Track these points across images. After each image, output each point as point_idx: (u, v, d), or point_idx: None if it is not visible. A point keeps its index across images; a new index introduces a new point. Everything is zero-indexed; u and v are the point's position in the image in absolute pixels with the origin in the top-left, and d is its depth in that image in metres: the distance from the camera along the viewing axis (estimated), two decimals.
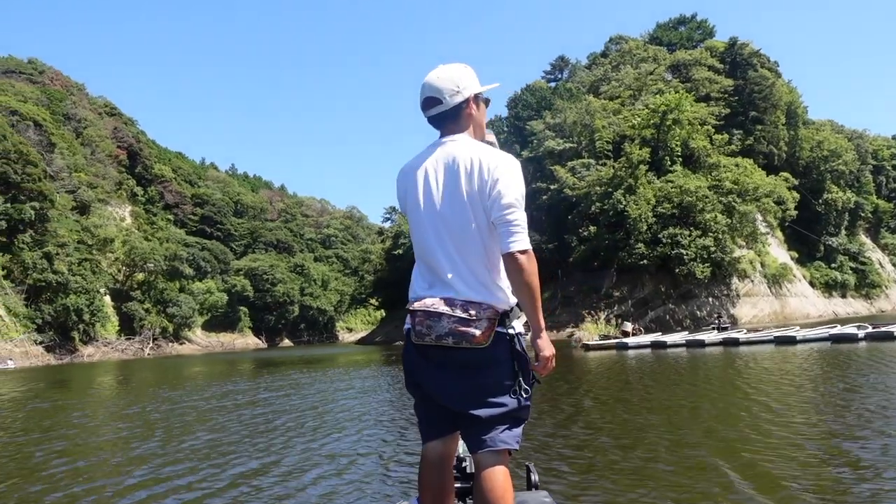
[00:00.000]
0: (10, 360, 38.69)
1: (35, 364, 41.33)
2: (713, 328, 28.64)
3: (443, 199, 1.95)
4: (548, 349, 1.94)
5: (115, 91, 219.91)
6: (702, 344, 19.91)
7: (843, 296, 58.40)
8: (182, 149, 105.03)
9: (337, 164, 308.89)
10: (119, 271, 66.24)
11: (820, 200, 56.98)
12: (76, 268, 52.19)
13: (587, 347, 22.34)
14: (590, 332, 23.97)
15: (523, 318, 2.00)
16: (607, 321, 29.48)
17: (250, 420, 8.87)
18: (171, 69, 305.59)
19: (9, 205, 48.70)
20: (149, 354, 57.38)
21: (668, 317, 38.43)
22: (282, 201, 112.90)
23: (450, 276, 1.93)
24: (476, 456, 1.95)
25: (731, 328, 27.63)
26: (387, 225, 69.11)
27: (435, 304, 1.90)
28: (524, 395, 1.93)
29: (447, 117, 2.03)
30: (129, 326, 61.27)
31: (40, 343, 46.32)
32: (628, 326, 24.80)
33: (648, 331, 30.22)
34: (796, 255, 53.70)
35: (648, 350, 20.00)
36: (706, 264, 35.99)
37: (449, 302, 1.89)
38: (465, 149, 1.96)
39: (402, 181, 2.10)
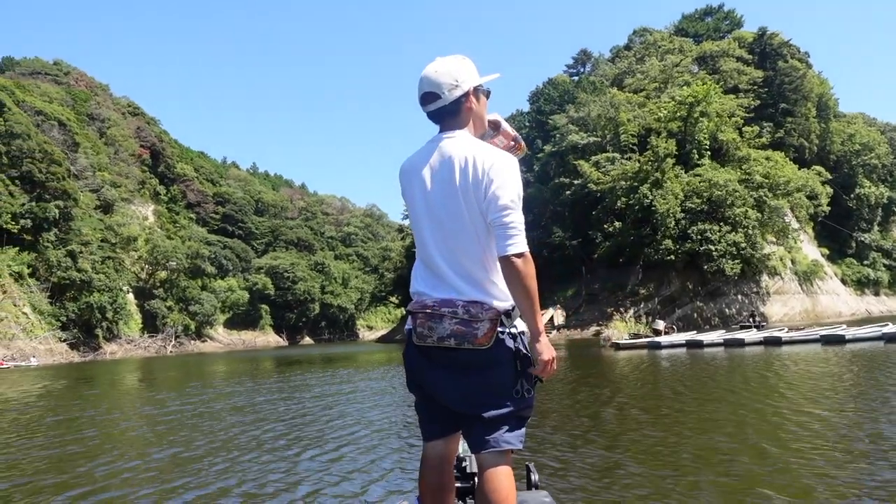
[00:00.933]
0: (34, 357, 39.05)
1: (58, 361, 41.64)
2: (742, 326, 27.60)
3: (439, 199, 1.92)
4: (547, 353, 1.90)
5: (138, 91, 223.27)
6: (741, 343, 18.73)
7: (877, 293, 56.73)
8: (204, 148, 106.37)
9: (357, 163, 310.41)
10: (142, 269, 66.92)
11: (851, 195, 55.33)
12: (99, 266, 52.70)
13: (617, 346, 21.27)
14: (619, 330, 22.82)
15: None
16: (637, 319, 28.41)
17: (238, 425, 8.33)
18: (192, 69, 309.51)
19: (34, 203, 49.24)
20: (171, 352, 57.70)
21: (695, 315, 37.37)
22: (302, 199, 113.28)
23: (450, 276, 1.92)
24: (479, 456, 1.93)
25: (766, 326, 26.48)
26: (406, 222, 68.78)
27: (436, 305, 1.89)
28: (527, 395, 1.92)
29: (447, 112, 1.99)
30: (152, 324, 61.83)
31: (64, 340, 46.76)
32: (660, 325, 23.67)
33: (677, 330, 29.21)
34: (827, 252, 52.17)
35: (683, 350, 18.89)
36: (736, 261, 34.75)
37: (450, 303, 1.87)
38: (462, 147, 1.92)
39: (402, 179, 2.08)
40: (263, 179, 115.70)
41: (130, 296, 62.33)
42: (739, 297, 40.13)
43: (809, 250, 48.62)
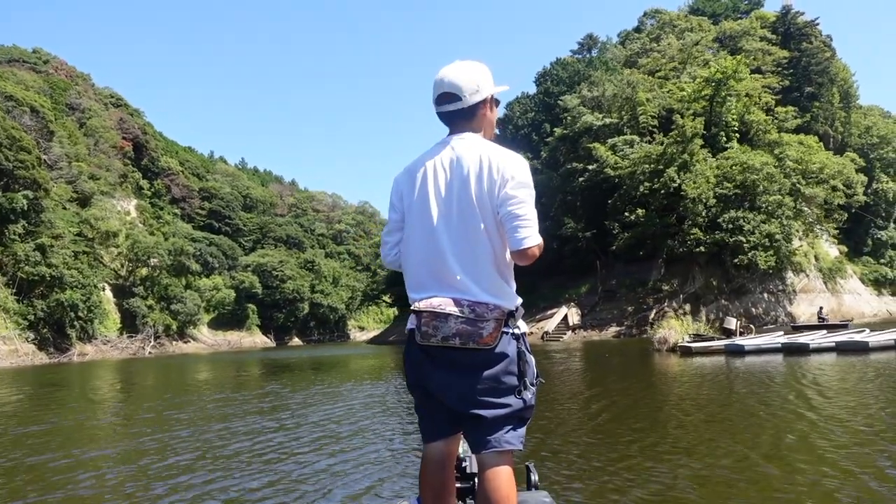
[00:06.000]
0: None
1: (20, 364, 37.99)
2: (794, 328, 24.42)
3: (451, 200, 1.91)
4: None
5: (123, 83, 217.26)
6: (864, 347, 14.62)
7: (894, 294, 54.06)
8: (191, 142, 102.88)
9: (349, 159, 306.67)
10: (122, 266, 63.56)
11: (868, 191, 52.43)
12: (72, 261, 49.29)
13: (688, 351, 16.68)
14: (676, 329, 18.50)
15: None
16: (694, 316, 24.62)
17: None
18: (180, 62, 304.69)
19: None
20: (150, 353, 54.06)
21: (721, 314, 34.17)
22: (292, 196, 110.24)
23: (458, 277, 1.88)
24: (480, 456, 1.91)
25: (851, 323, 22.85)
26: None
27: (442, 304, 1.86)
28: (529, 396, 1.90)
29: (462, 115, 1.98)
30: (131, 324, 58.47)
31: (31, 340, 43.11)
32: (732, 322, 19.57)
33: (754, 330, 25.13)
34: (844, 249, 49.36)
35: (778, 356, 14.70)
36: (769, 253, 31.46)
37: (456, 303, 1.85)
38: (473, 148, 1.93)
39: (406, 180, 2.03)
40: (252, 175, 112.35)
41: (108, 294, 58.88)
42: (766, 295, 37.05)
43: (828, 247, 45.97)
